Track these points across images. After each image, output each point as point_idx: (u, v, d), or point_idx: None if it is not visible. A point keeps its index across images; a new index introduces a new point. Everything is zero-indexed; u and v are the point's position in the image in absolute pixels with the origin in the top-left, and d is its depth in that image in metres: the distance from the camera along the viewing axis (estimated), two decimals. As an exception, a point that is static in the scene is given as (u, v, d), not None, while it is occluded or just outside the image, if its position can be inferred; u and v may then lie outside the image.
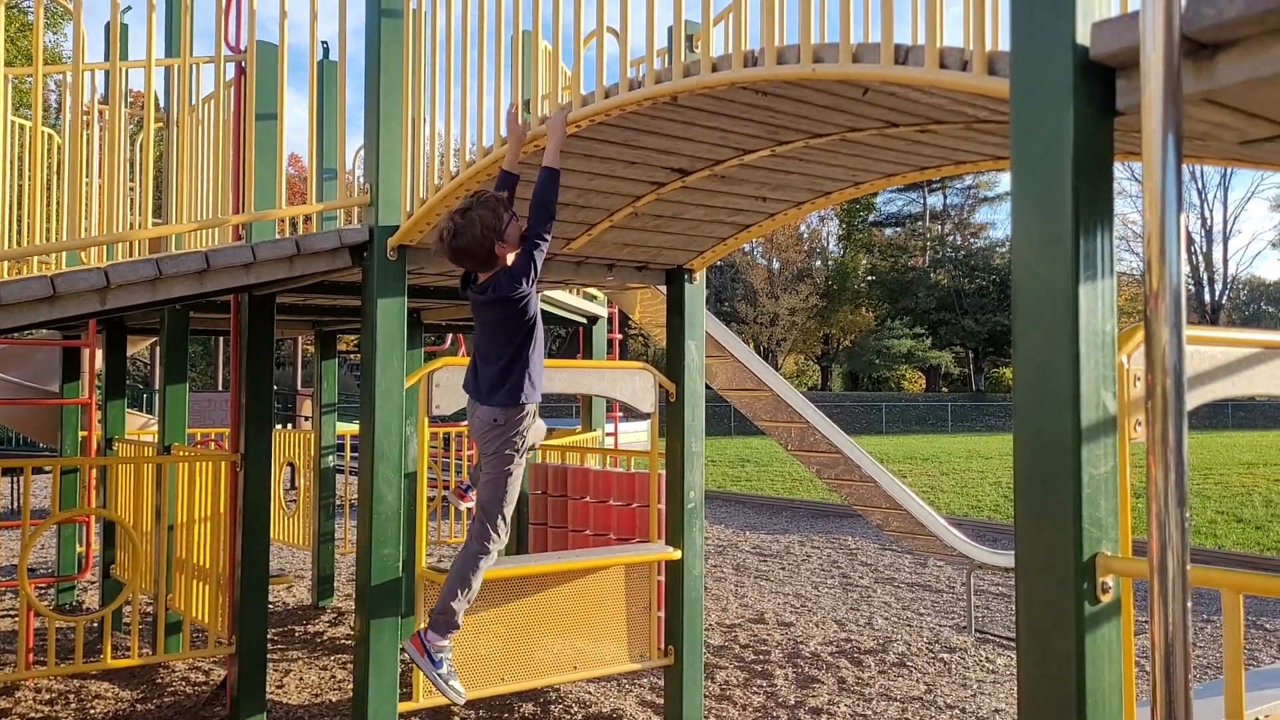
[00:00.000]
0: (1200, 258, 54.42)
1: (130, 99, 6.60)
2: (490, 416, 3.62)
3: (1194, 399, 2.14)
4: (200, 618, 5.40)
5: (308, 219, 6.79)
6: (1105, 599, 1.87)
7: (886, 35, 2.49)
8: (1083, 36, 1.88)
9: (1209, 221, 54.83)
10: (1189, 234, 53.78)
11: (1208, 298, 53.98)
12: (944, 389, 52.57)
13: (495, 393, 3.59)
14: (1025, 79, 1.96)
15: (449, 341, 11.03)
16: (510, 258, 3.48)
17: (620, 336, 9.23)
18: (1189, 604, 1.53)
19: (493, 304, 3.54)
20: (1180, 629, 1.51)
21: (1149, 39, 1.61)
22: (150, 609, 6.61)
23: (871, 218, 55.61)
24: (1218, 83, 1.78)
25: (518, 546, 6.30)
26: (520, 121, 3.60)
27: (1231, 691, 1.74)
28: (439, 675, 3.72)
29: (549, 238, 3.50)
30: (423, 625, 3.84)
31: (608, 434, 8.57)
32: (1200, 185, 54.36)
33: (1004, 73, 2.13)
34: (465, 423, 11.77)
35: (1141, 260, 1.67)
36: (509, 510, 3.73)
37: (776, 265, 50.85)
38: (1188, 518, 1.54)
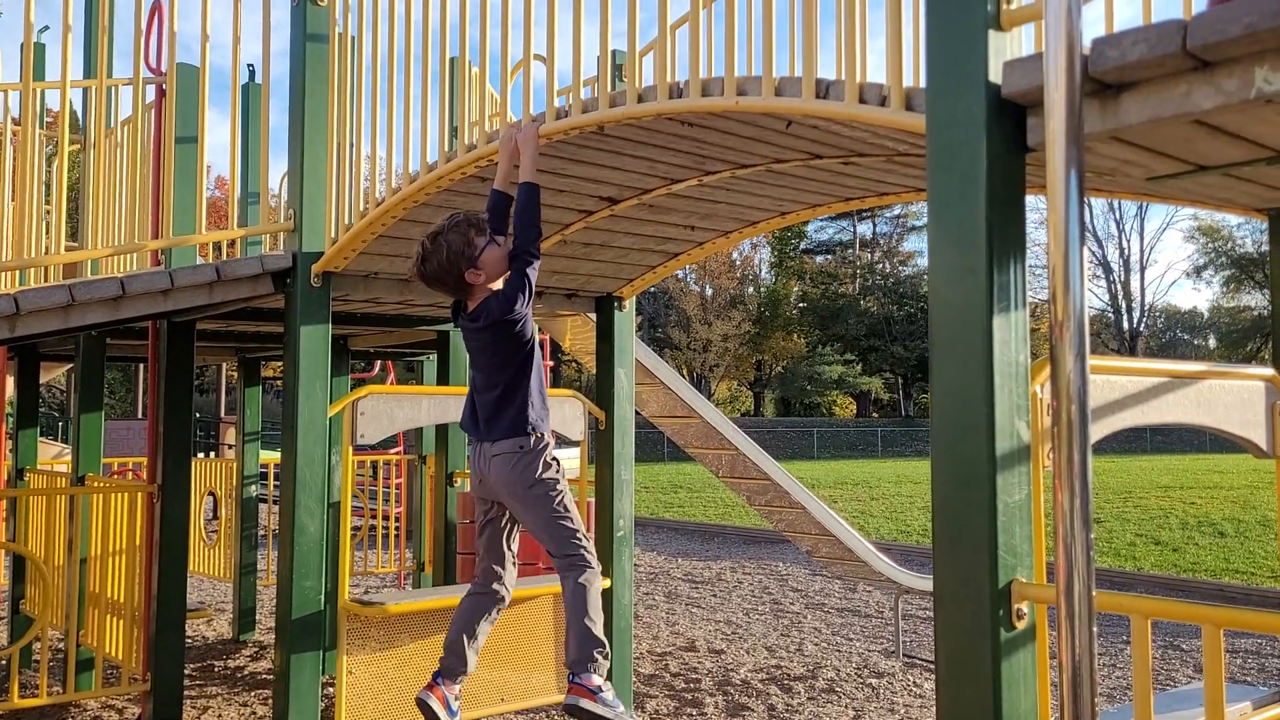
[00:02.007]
0: (1119, 287, 56.08)
1: (48, 120, 6.44)
2: (511, 449, 3.27)
3: (1106, 427, 2.20)
4: (114, 654, 5.22)
5: (233, 244, 6.67)
6: (1020, 625, 1.90)
7: (808, 70, 2.54)
8: (995, 75, 1.94)
9: (1126, 251, 56.60)
10: (1107, 263, 55.44)
11: (1126, 326, 55.58)
12: (874, 414, 53.30)
13: (496, 424, 3.29)
14: (940, 115, 2.01)
15: (377, 368, 10.89)
16: (498, 283, 3.28)
17: (553, 364, 9.21)
18: (1094, 627, 1.56)
19: (485, 330, 3.29)
20: (1087, 651, 1.54)
21: (1052, 79, 1.66)
22: (61, 645, 6.37)
23: (803, 245, 56.37)
24: (1123, 121, 1.84)
25: (445, 577, 6.22)
26: (510, 136, 3.39)
27: (1140, 714, 1.78)
28: (621, 713, 3.29)
29: (539, 254, 3.29)
30: (571, 675, 3.36)
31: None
32: (1118, 217, 56.12)
33: (921, 108, 2.18)
34: (395, 450, 11.50)
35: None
36: (580, 529, 3.34)
37: (709, 292, 51.22)
38: (1093, 540, 1.58)
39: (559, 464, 3.34)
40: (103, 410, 5.88)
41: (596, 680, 3.30)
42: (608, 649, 3.34)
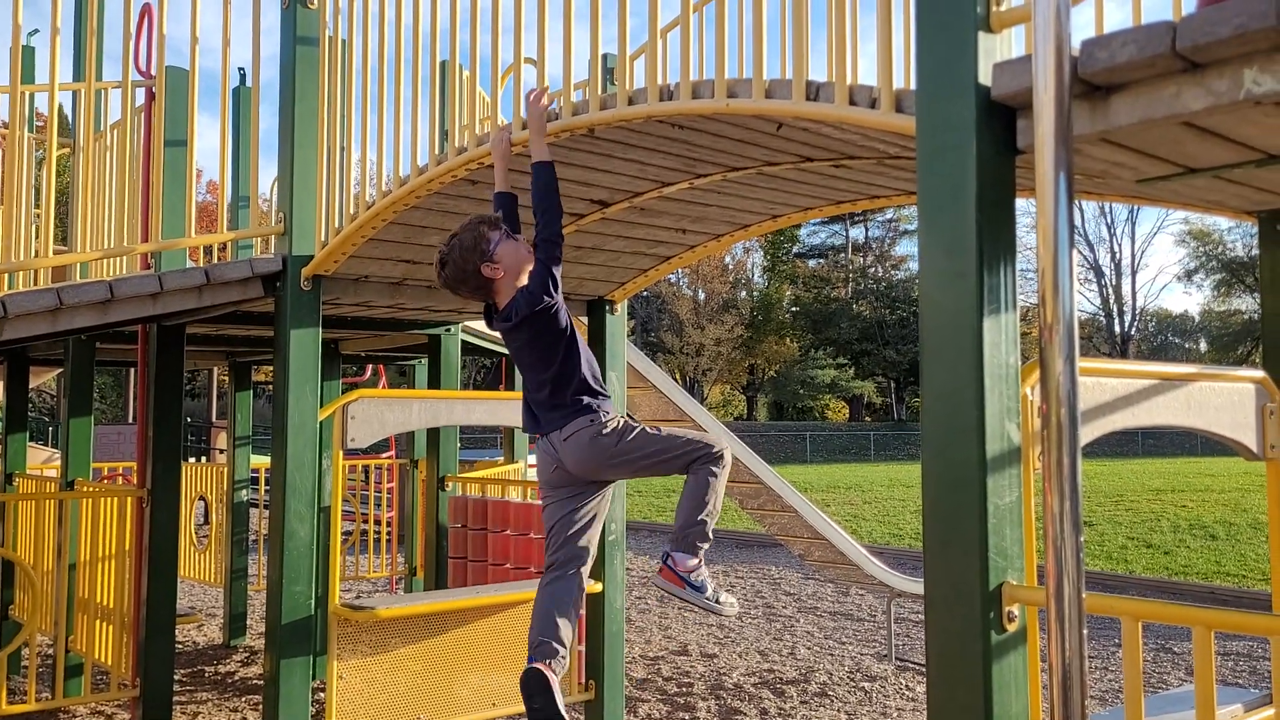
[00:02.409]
0: (1111, 290, 56.25)
1: (38, 124, 6.42)
2: (581, 429, 3.15)
3: (1097, 429, 2.19)
4: (103, 659, 5.19)
5: (224, 248, 6.65)
6: (1011, 628, 1.90)
7: (799, 72, 2.53)
8: (985, 77, 1.93)
9: (1118, 255, 56.78)
10: (1098, 267, 55.59)
11: (1118, 329, 55.74)
12: (867, 418, 53.35)
13: (558, 415, 3.18)
14: (930, 117, 2.01)
15: (369, 373, 10.87)
16: (523, 277, 3.17)
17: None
18: (1084, 629, 1.56)
19: (520, 327, 3.18)
20: (1077, 654, 1.54)
21: (1041, 81, 1.66)
22: (50, 651, 6.34)
23: (795, 249, 56.45)
24: (1112, 123, 1.84)
25: (437, 581, 6.20)
26: (503, 138, 3.32)
27: (1132, 717, 1.78)
28: (706, 599, 3.18)
29: (561, 238, 3.15)
30: (668, 554, 3.23)
31: (530, 465, 8.51)
32: (1109, 220, 56.30)
33: (911, 110, 2.18)
34: (387, 454, 11.49)
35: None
36: (680, 436, 3.22)
37: (702, 296, 51.26)
38: (1083, 543, 1.57)
39: (625, 418, 3.26)
40: (92, 415, 5.85)
41: (691, 563, 3.18)
42: (708, 537, 3.20)
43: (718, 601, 3.22)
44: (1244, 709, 2.64)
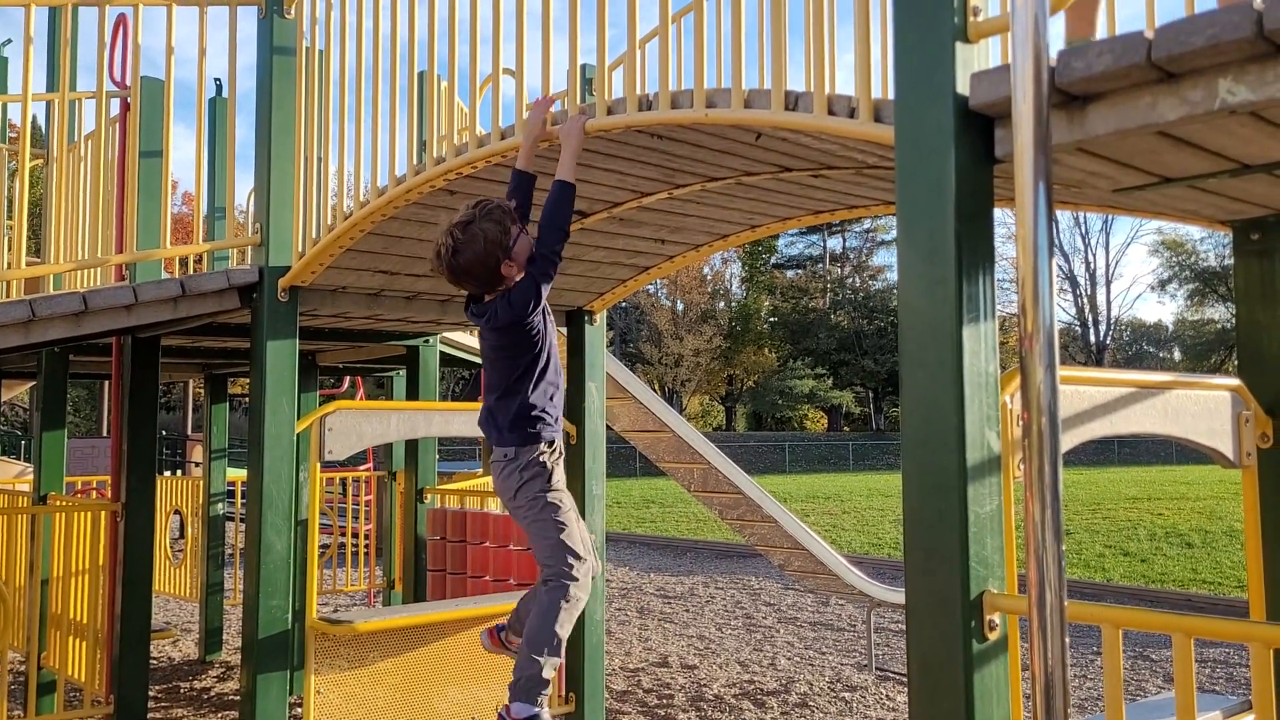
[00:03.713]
0: (1085, 300, 56.70)
1: (11, 135, 6.36)
2: (503, 455, 3.10)
3: (1075, 437, 2.20)
4: (76, 676, 5.12)
5: (200, 259, 6.60)
6: (993, 636, 1.90)
7: (777, 82, 2.54)
8: (963, 87, 1.94)
9: (1093, 265, 57.25)
10: (1073, 277, 56.04)
11: (1093, 339, 56.18)
12: (845, 428, 53.48)
13: (498, 428, 3.12)
14: (909, 127, 2.01)
15: (346, 384, 10.81)
16: (519, 277, 3.07)
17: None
18: (1067, 638, 1.56)
19: (492, 332, 3.10)
20: (1059, 662, 1.54)
21: (1019, 90, 1.67)
22: (22, 668, 6.25)
23: (773, 260, 56.60)
24: (1089, 133, 1.85)
25: (415, 594, 6.16)
26: (542, 119, 3.16)
27: (1113, 725, 1.78)
28: None
29: (559, 259, 3.05)
30: (502, 705, 3.06)
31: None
32: (1084, 230, 56.79)
33: (890, 120, 2.18)
34: (365, 466, 11.41)
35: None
36: (578, 545, 3.09)
37: (680, 307, 51.31)
38: (1064, 551, 1.57)
39: (554, 472, 3.12)
40: (65, 428, 5.78)
41: (524, 711, 2.98)
42: (544, 680, 3.02)
43: None
44: (1223, 715, 2.66)
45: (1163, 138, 1.90)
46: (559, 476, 3.13)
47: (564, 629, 3.05)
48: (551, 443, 3.12)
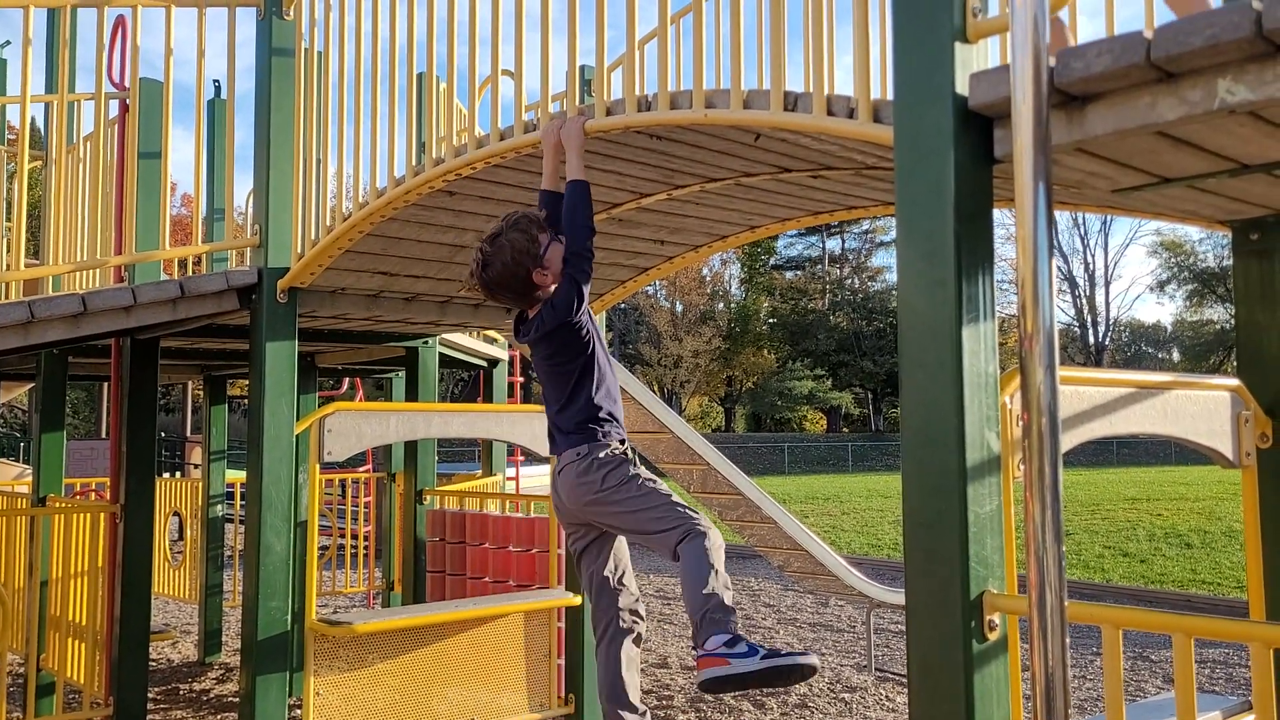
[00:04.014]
0: (1084, 301, 56.71)
1: (9, 136, 6.35)
2: (573, 458, 2.98)
3: (1075, 438, 2.20)
4: (75, 678, 5.12)
5: (199, 261, 6.60)
6: (993, 637, 1.89)
7: (776, 82, 2.54)
8: (962, 87, 1.94)
9: (1091, 266, 57.26)
10: (1072, 278, 56.06)
11: (1092, 340, 56.19)
12: (844, 429, 53.48)
13: (563, 440, 3.04)
14: (908, 127, 2.01)
15: (345, 386, 10.80)
16: (554, 286, 3.03)
17: (523, 380, 9.17)
18: (1067, 638, 1.56)
19: (540, 341, 3.04)
20: (1060, 663, 1.53)
21: (1019, 90, 1.67)
22: (21, 670, 6.24)
23: (772, 261, 56.60)
24: (1088, 133, 1.85)
25: (415, 596, 6.15)
26: (554, 129, 3.14)
27: (1113, 725, 1.77)
28: (771, 662, 2.71)
29: (591, 255, 3.02)
30: (697, 652, 2.82)
31: (509, 478, 8.47)
32: (1083, 232, 56.80)
33: (889, 120, 2.18)
34: (364, 468, 11.39)
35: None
36: (668, 504, 2.92)
37: (680, 308, 51.31)
38: (1064, 552, 1.57)
39: (629, 458, 3.03)
40: (64, 430, 5.78)
41: (721, 641, 2.74)
42: (728, 607, 2.80)
43: (788, 654, 2.74)
44: (1223, 716, 2.65)
45: (1162, 138, 1.89)
46: (632, 459, 3.04)
47: (719, 563, 2.86)
48: (623, 440, 3.05)
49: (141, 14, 4.28)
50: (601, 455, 2.97)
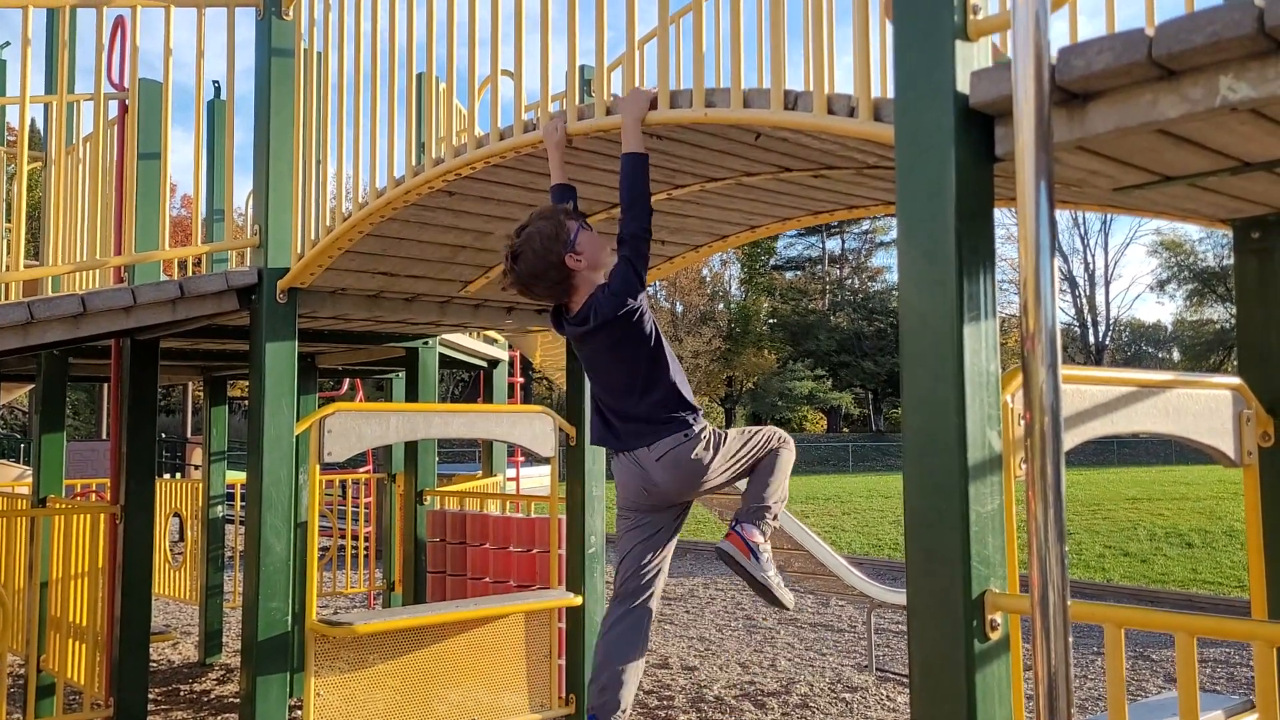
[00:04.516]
0: (1084, 301, 56.71)
1: (9, 138, 6.35)
2: (672, 454, 2.94)
3: (1076, 436, 2.20)
4: (76, 679, 5.11)
5: (199, 261, 6.59)
6: (994, 636, 1.89)
7: (776, 81, 2.53)
8: (962, 85, 1.94)
9: (1091, 266, 57.26)
10: (1072, 278, 56.06)
11: (1092, 339, 56.18)
12: (845, 429, 53.48)
13: (647, 429, 2.95)
14: (909, 125, 2.01)
15: (346, 386, 10.80)
16: (599, 274, 2.93)
17: (523, 380, 9.17)
18: (1070, 638, 1.55)
19: (598, 331, 2.93)
20: (1063, 662, 1.53)
21: (1020, 88, 1.66)
22: (21, 671, 6.24)
23: (772, 261, 56.60)
24: (1090, 131, 1.85)
25: (415, 596, 6.15)
26: (557, 127, 3.08)
27: (1116, 725, 1.77)
28: (770, 577, 3.02)
29: (650, 235, 2.91)
30: (733, 525, 3.10)
31: (509, 479, 8.47)
32: (1083, 231, 56.80)
33: (889, 119, 2.18)
34: (364, 468, 11.39)
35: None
36: (757, 440, 3.12)
37: (680, 308, 51.31)
38: (1066, 551, 1.57)
39: (716, 432, 3.05)
40: (64, 431, 5.77)
41: (758, 537, 3.03)
42: (773, 514, 3.11)
43: (780, 585, 3.03)
44: (1225, 715, 2.65)
45: (1163, 136, 1.89)
46: (716, 435, 3.06)
47: (785, 475, 3.17)
48: (703, 425, 3.04)
49: (141, 15, 4.28)
50: (705, 437, 2.99)
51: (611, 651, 3.13)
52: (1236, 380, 2.62)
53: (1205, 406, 2.53)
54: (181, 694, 6.68)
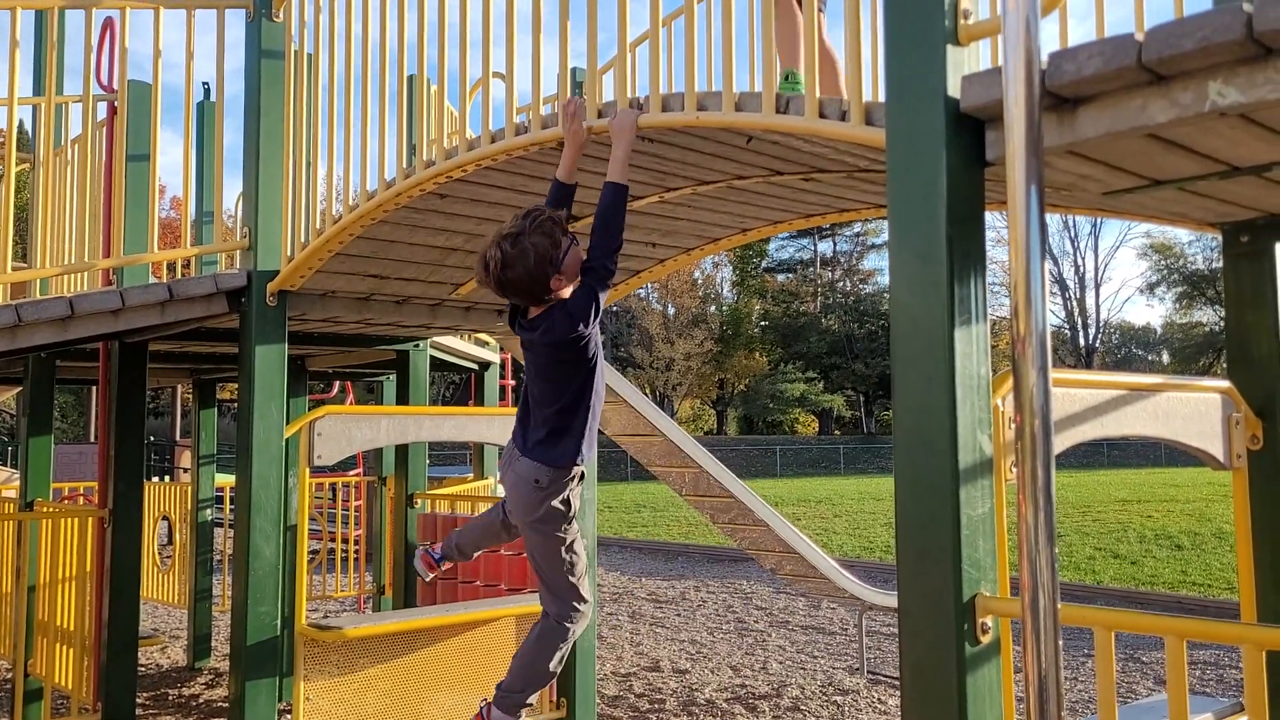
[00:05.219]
0: (1075, 303, 56.89)
1: (0, 139, 6.33)
2: (531, 475, 2.98)
3: (1067, 439, 2.20)
4: (63, 683, 5.08)
5: (188, 264, 6.57)
6: (985, 639, 1.89)
7: (768, 85, 2.54)
8: (953, 89, 1.94)
9: (1082, 269, 57.46)
10: (1062, 280, 56.25)
11: (1082, 342, 56.37)
12: (836, 432, 53.53)
13: (540, 447, 2.99)
14: (900, 129, 2.01)
15: (336, 389, 10.77)
16: (567, 291, 2.93)
17: (514, 383, 9.16)
18: (1060, 640, 1.55)
19: (544, 346, 2.97)
20: (1053, 664, 1.53)
21: (1011, 93, 1.66)
22: (9, 675, 6.21)
23: (764, 264, 56.67)
24: (1080, 135, 1.85)
25: (406, 600, 6.13)
26: (578, 120, 3.01)
27: (1106, 728, 1.77)
28: None
29: (615, 269, 2.95)
30: (485, 699, 3.22)
31: (500, 481, 8.44)
32: (1073, 234, 56.98)
33: (881, 123, 2.18)
34: (355, 471, 11.38)
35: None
36: (583, 579, 3.12)
37: (672, 311, 51.32)
38: (1056, 554, 1.57)
39: (575, 504, 3.07)
40: (52, 434, 5.75)
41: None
42: (527, 697, 3.21)
43: None
44: (1215, 717, 2.65)
45: (1153, 140, 1.89)
46: (576, 508, 3.08)
47: (557, 665, 3.16)
48: (581, 477, 3.07)
49: (130, 16, 4.26)
50: (553, 490, 2.99)
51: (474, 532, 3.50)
52: (1225, 384, 2.63)
53: (1194, 410, 2.53)
54: (170, 698, 6.65)
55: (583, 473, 3.06)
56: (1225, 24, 1.57)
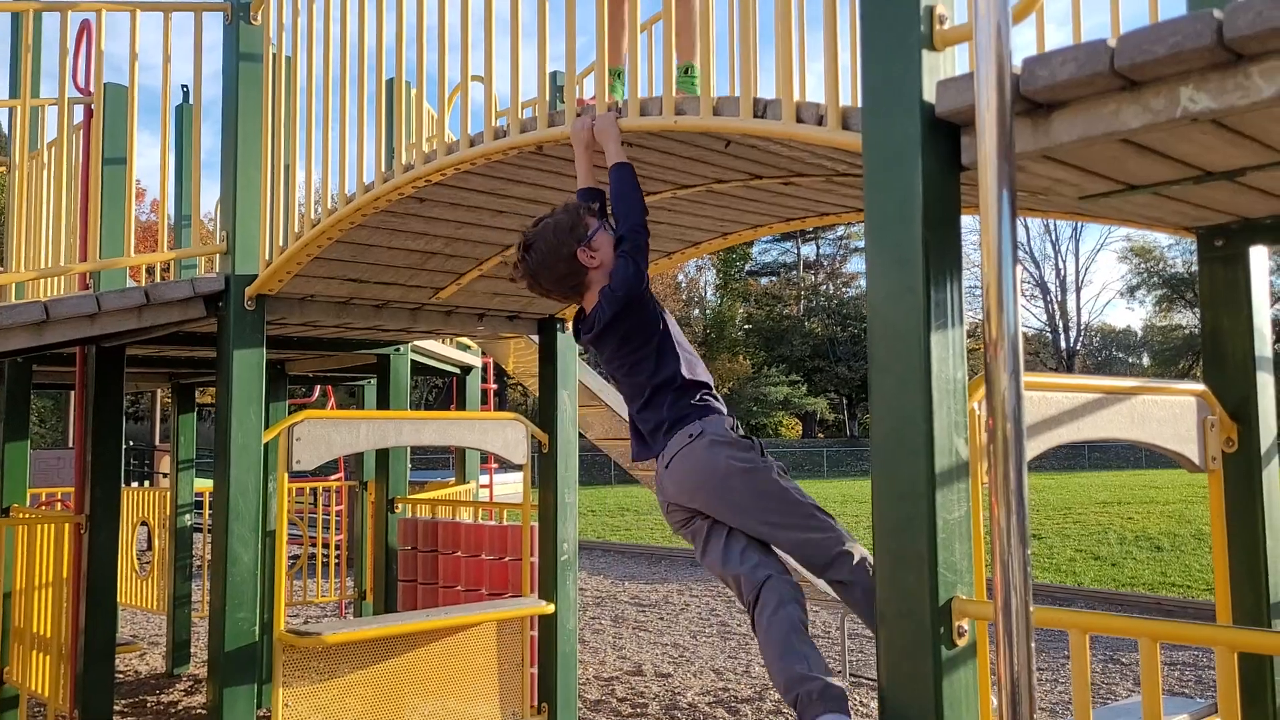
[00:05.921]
0: (1056, 306, 57.23)
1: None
2: (681, 454, 2.63)
3: (1043, 443, 2.21)
4: (40, 691, 5.04)
5: (166, 268, 6.53)
6: (961, 642, 1.90)
7: (746, 89, 2.54)
8: (929, 94, 1.95)
9: (1063, 272, 57.82)
10: (1044, 284, 56.56)
11: (1063, 344, 56.70)
12: (820, 435, 53.68)
13: (660, 432, 2.69)
14: (876, 134, 2.02)
15: (317, 394, 10.72)
16: (604, 275, 2.78)
17: (496, 387, 9.15)
18: (1032, 643, 1.56)
19: (606, 333, 2.75)
20: (1025, 667, 1.53)
21: (983, 98, 1.67)
22: (-15, 684, 6.14)
23: (748, 267, 56.79)
24: (1054, 140, 1.86)
25: (386, 605, 6.11)
26: (585, 125, 2.94)
27: (1081, 731, 1.78)
28: None
29: (647, 233, 2.79)
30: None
31: (482, 486, 8.43)
32: (1054, 238, 57.37)
33: (858, 128, 2.18)
34: (336, 476, 11.31)
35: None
36: (816, 508, 2.69)
37: (655, 314, 51.33)
38: (1030, 556, 1.58)
39: (754, 442, 2.70)
40: (29, 439, 5.70)
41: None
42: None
43: None
44: (1190, 718, 2.67)
45: (1126, 145, 1.90)
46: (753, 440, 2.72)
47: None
48: (735, 425, 2.73)
49: (106, 18, 4.23)
50: (719, 434, 2.65)
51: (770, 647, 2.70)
52: (1200, 387, 2.64)
53: (1170, 413, 2.55)
54: (148, 705, 6.59)
55: (722, 412, 2.74)
56: (1196, 31, 1.58)
